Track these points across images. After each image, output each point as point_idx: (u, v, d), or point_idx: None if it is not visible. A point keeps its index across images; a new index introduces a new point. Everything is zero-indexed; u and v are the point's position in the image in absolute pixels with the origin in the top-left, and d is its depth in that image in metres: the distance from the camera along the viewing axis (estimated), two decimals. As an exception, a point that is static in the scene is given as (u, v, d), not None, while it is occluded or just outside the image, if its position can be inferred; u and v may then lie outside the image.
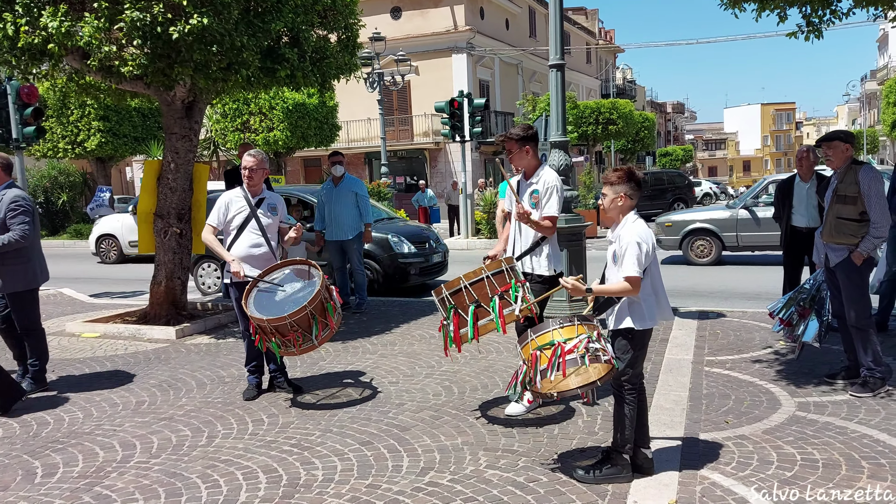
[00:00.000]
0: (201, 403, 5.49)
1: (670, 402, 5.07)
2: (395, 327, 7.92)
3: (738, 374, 5.69)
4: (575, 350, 3.52)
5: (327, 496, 3.80)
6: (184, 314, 8.35)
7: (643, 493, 3.69)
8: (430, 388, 5.63)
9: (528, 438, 4.50)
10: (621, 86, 55.19)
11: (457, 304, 4.24)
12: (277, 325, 4.84)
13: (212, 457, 4.41)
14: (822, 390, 5.22)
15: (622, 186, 3.69)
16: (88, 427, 5.05)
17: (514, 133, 4.85)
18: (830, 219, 5.12)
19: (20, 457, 4.54)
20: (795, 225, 6.85)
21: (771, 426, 4.56)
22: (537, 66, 38.62)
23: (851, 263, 5.06)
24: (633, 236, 3.61)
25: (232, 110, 24.11)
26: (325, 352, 6.83)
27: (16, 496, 3.95)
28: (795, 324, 5.40)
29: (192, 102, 8.08)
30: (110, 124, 23.94)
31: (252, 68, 7.12)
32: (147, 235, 8.30)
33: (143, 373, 6.45)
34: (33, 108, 11.43)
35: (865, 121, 63.68)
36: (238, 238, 5.53)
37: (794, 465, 3.97)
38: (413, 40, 30.21)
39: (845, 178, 5.06)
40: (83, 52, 6.92)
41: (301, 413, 5.19)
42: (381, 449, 4.43)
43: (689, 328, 7.24)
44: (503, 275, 4.25)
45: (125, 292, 12.06)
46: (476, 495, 3.74)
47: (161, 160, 8.23)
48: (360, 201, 8.73)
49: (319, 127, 25.12)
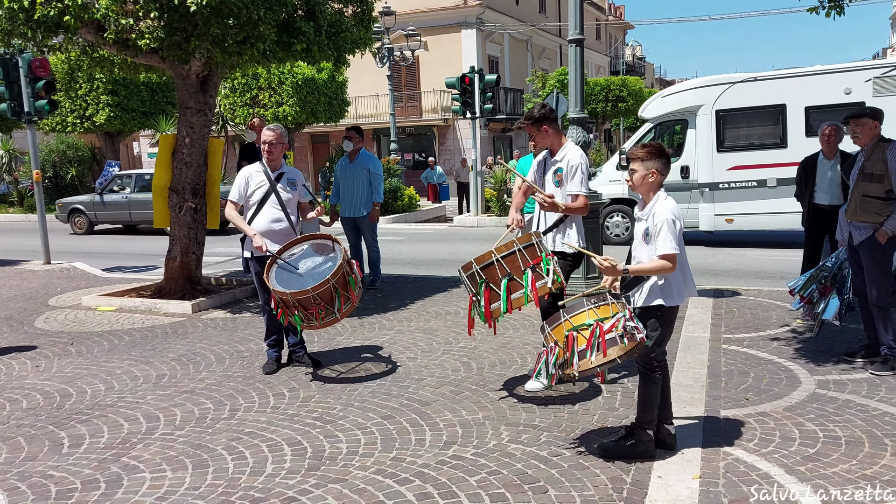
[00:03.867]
0: (221, 377, 5.53)
1: (689, 378, 5.08)
2: (410, 303, 7.94)
3: (757, 352, 5.70)
4: (613, 329, 3.52)
5: (353, 468, 3.84)
6: (199, 289, 8.39)
7: (667, 468, 3.72)
8: (448, 364, 5.66)
9: (550, 414, 4.52)
10: (631, 63, 54.70)
11: (488, 278, 4.23)
12: (300, 299, 4.86)
13: (235, 429, 4.45)
14: (841, 368, 5.22)
15: (653, 162, 3.66)
16: (111, 399, 5.10)
17: (529, 115, 4.84)
18: (856, 196, 5.08)
19: (46, 427, 4.58)
20: (818, 203, 6.81)
21: (791, 403, 4.57)
22: (547, 42, 38.28)
23: (875, 242, 5.03)
24: (668, 213, 3.59)
25: (241, 85, 23.97)
26: (341, 327, 6.86)
27: (44, 466, 4.00)
28: (816, 301, 5.39)
29: (207, 76, 8.03)
30: (119, 98, 23.86)
31: (268, 42, 7.07)
32: (162, 210, 8.30)
33: (161, 346, 6.49)
34: (45, 82, 11.36)
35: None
36: (258, 213, 5.53)
37: (816, 442, 3.98)
38: (422, 15, 29.92)
39: (872, 156, 5.02)
40: (99, 24, 6.87)
41: (321, 387, 5.23)
42: (403, 423, 4.46)
43: (705, 306, 7.24)
44: (534, 248, 4.24)
45: (138, 266, 12.11)
46: (500, 469, 3.77)
47: (175, 135, 8.21)
48: (372, 178, 8.68)
49: (329, 102, 24.97)
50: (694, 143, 12.03)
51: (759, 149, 11.63)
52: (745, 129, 11.75)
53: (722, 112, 11.79)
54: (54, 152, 25.54)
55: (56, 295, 9.19)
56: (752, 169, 11.57)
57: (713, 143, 11.90)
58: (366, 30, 8.39)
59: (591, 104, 32.98)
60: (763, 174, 11.55)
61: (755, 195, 11.54)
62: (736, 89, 11.83)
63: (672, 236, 3.55)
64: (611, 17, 53.78)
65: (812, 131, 11.15)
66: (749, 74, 12.07)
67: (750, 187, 11.55)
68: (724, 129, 11.80)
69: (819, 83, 11.40)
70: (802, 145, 10.89)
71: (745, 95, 11.78)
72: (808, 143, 10.82)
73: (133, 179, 18.42)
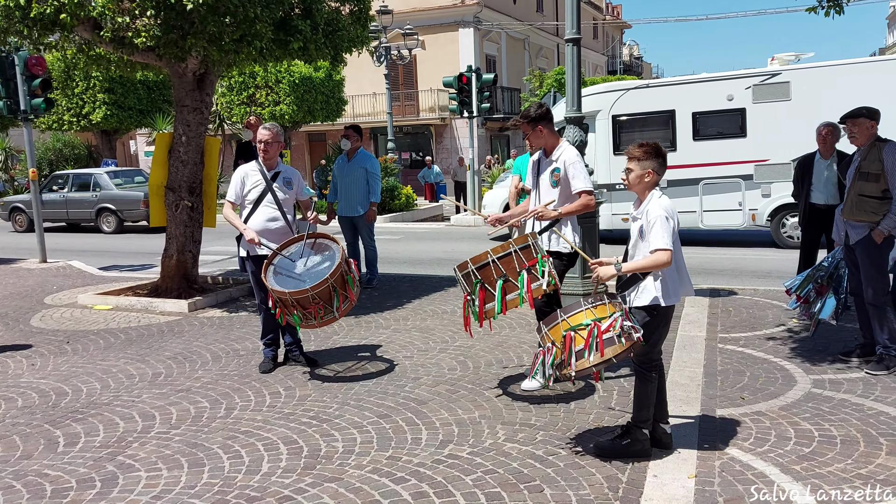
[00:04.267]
0: (217, 376, 5.52)
1: (685, 378, 5.09)
2: (406, 302, 7.94)
3: (752, 351, 5.71)
4: (611, 329, 3.52)
5: (349, 467, 3.84)
6: (195, 287, 8.38)
7: (662, 467, 3.72)
8: (444, 363, 5.66)
9: (546, 413, 4.52)
10: (628, 62, 54.75)
11: (483, 278, 4.24)
12: (299, 298, 4.86)
13: (231, 428, 4.45)
14: (837, 368, 5.23)
15: (649, 162, 3.66)
16: (106, 398, 5.09)
17: (525, 114, 4.84)
18: (852, 196, 5.09)
19: (41, 426, 4.57)
20: (814, 202, 6.82)
21: (787, 403, 4.58)
22: (544, 41, 38.27)
23: (871, 241, 5.04)
24: (661, 211, 3.60)
25: (238, 83, 23.95)
26: (338, 326, 6.86)
27: (40, 464, 3.99)
28: (812, 301, 5.41)
29: (204, 75, 8.02)
30: (115, 97, 23.82)
31: (265, 40, 7.06)
32: (158, 208, 8.29)
33: (157, 345, 6.48)
34: (41, 80, 11.33)
35: (873, 99, 63.09)
36: (254, 212, 5.52)
37: (811, 441, 3.99)
38: (419, 14, 29.89)
39: (869, 155, 5.03)
40: (95, 22, 6.86)
41: (318, 386, 5.22)
42: (399, 422, 4.46)
43: (701, 305, 7.25)
44: (530, 249, 4.25)
45: (133, 265, 12.09)
46: (496, 468, 3.77)
47: (172, 133, 8.20)
48: (370, 178, 8.68)
49: (326, 101, 24.97)
50: (594, 145, 12.25)
51: None
52: (639, 133, 12.09)
53: (617, 117, 12.35)
54: (51, 150, 25.51)
55: (52, 293, 9.17)
56: None
57: (610, 146, 12.51)
58: (363, 28, 8.39)
59: (588, 103, 32.92)
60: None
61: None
62: (630, 95, 12.42)
63: (666, 232, 3.56)
64: (608, 16, 53.80)
65: (699, 135, 11.94)
66: (642, 82, 13.00)
67: None
68: (619, 133, 12.30)
69: (704, 90, 11.95)
70: (690, 149, 11.81)
71: (638, 102, 12.35)
72: (695, 147, 11.92)
73: (69, 179, 18.95)
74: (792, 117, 10.98)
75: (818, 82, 11.01)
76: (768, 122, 11.36)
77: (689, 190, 11.89)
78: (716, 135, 11.88)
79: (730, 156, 11.72)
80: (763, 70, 12.03)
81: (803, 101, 11.06)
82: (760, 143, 11.49)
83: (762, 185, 11.66)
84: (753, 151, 11.56)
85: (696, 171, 11.89)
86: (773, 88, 11.45)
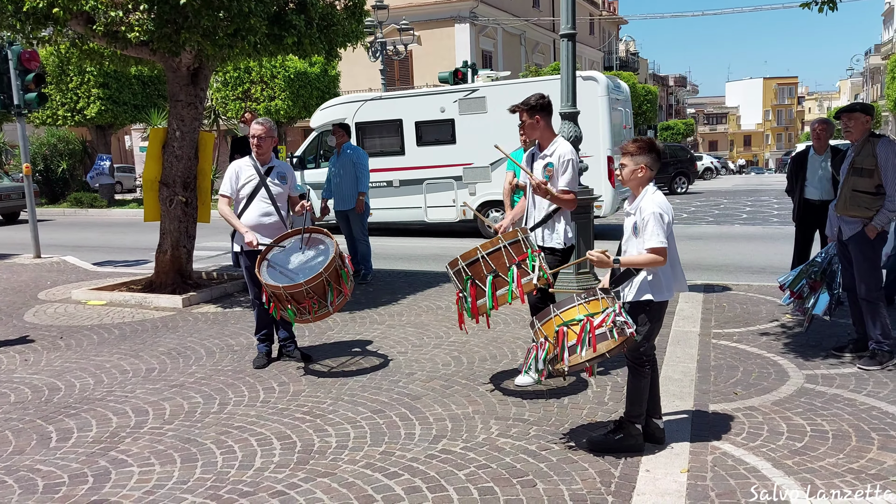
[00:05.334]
0: (211, 371, 5.51)
1: (679, 373, 5.10)
2: (401, 298, 7.94)
3: (746, 347, 5.72)
4: (603, 324, 3.52)
5: (342, 462, 3.84)
6: (189, 283, 8.36)
7: (655, 461, 3.73)
8: (439, 359, 5.66)
9: (539, 408, 4.53)
10: (624, 58, 54.74)
11: (473, 274, 4.23)
12: (293, 293, 4.85)
13: (225, 423, 4.44)
14: (829, 363, 5.25)
15: (643, 157, 3.66)
16: (100, 393, 5.08)
17: (526, 102, 4.78)
18: (845, 191, 5.10)
19: (34, 421, 4.56)
20: (808, 198, 6.83)
21: (780, 398, 4.59)
22: (540, 36, 38.25)
23: (864, 237, 5.05)
24: (654, 207, 3.60)
25: (233, 79, 23.88)
26: (332, 322, 6.85)
27: (32, 460, 3.98)
28: (806, 296, 5.41)
29: (198, 69, 7.99)
30: (110, 92, 23.72)
31: (259, 35, 7.04)
32: (152, 203, 8.26)
33: (151, 340, 6.47)
34: (35, 74, 11.28)
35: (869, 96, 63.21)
36: (248, 207, 5.51)
37: (804, 436, 4.00)
38: (415, 9, 29.87)
39: (862, 151, 5.04)
40: (88, 16, 6.83)
41: (312, 381, 5.22)
42: (392, 417, 4.46)
43: (695, 301, 7.26)
44: (520, 244, 4.24)
45: (128, 261, 12.06)
46: (489, 462, 3.77)
47: (165, 128, 8.17)
48: (357, 170, 8.75)
49: (321, 96, 24.88)
50: None
51: (387, 155, 13.94)
52: (378, 139, 14.07)
53: (359, 124, 13.98)
54: (45, 146, 25.34)
55: (46, 289, 9.15)
56: (382, 172, 13.72)
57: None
58: (357, 23, 8.37)
59: (584, 99, 32.93)
60: (390, 176, 13.97)
61: (385, 193, 13.95)
62: (368, 105, 14.21)
63: (660, 229, 3.56)
64: (604, 11, 53.78)
65: (422, 142, 13.75)
66: (377, 94, 14.98)
67: (382, 186, 13.82)
68: (362, 139, 13.91)
69: (424, 102, 13.87)
70: (416, 153, 13.75)
71: (375, 111, 14.11)
72: (419, 152, 13.76)
73: None
74: (488, 127, 12.62)
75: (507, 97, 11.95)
76: (471, 131, 13.16)
77: (416, 188, 13.87)
78: (434, 141, 13.70)
79: (445, 159, 13.58)
80: (466, 86, 14.15)
81: (496, 113, 12.49)
82: (467, 148, 13.27)
83: (469, 185, 13.43)
84: (461, 156, 13.39)
85: (421, 172, 13.81)
86: (473, 102, 13.26)
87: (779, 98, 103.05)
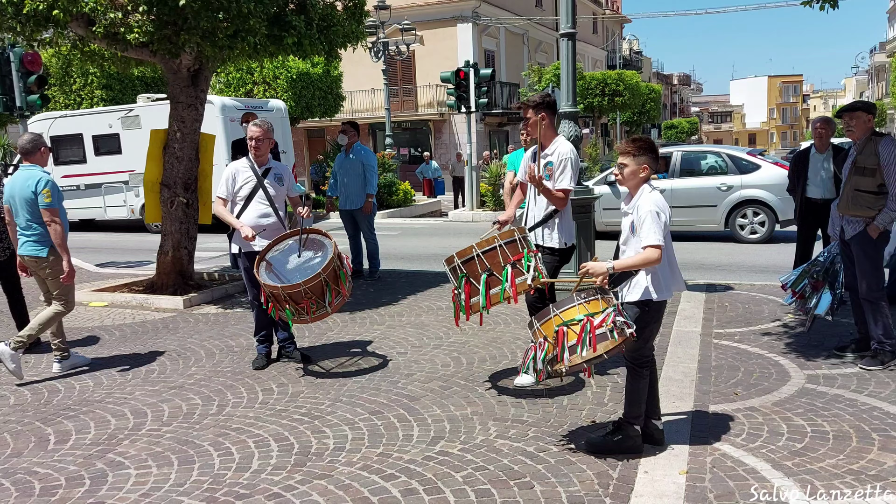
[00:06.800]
0: (211, 372, 5.51)
1: (679, 373, 5.07)
2: (402, 298, 7.92)
3: (747, 347, 5.69)
4: (604, 324, 3.50)
5: (339, 464, 3.82)
6: (191, 284, 8.36)
7: (654, 463, 3.71)
8: (438, 359, 5.64)
9: (538, 409, 4.51)
10: (628, 57, 54.65)
11: (468, 272, 4.22)
12: (291, 293, 4.84)
13: (223, 425, 4.43)
14: (831, 363, 5.22)
15: (644, 157, 3.64)
16: (99, 395, 5.08)
17: (531, 99, 4.81)
18: (848, 190, 5.07)
19: (32, 424, 4.56)
20: (810, 196, 6.79)
21: (780, 398, 4.56)
22: (543, 36, 38.19)
23: (867, 236, 5.01)
24: (651, 205, 3.57)
25: (236, 80, 23.86)
26: (332, 322, 6.84)
27: (29, 462, 3.98)
28: (808, 296, 5.38)
29: (198, 70, 7.99)
30: (113, 93, 23.69)
31: (259, 35, 7.03)
32: (153, 205, 8.27)
33: (151, 342, 6.47)
34: (37, 76, 11.30)
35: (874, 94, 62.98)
36: (246, 208, 5.50)
37: (804, 436, 3.97)
38: (418, 9, 29.82)
39: (865, 150, 5.00)
40: (88, 18, 6.83)
41: (311, 382, 5.21)
42: (391, 418, 4.45)
43: (696, 301, 7.22)
44: (516, 244, 4.22)
45: (130, 262, 12.07)
46: (487, 464, 3.76)
47: (166, 129, 8.17)
48: (366, 171, 8.75)
49: (323, 97, 24.86)
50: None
51: (75, 164, 16.82)
52: (69, 150, 16.80)
53: (53, 137, 16.38)
54: (49, 147, 25.42)
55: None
56: (72, 178, 16.70)
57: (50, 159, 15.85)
58: (358, 23, 8.35)
59: (587, 98, 32.93)
60: (77, 181, 16.84)
61: (75, 195, 16.60)
62: (59, 122, 16.99)
63: (657, 227, 3.53)
64: (608, 10, 53.68)
65: (99, 152, 16.65)
66: (64, 112, 17.92)
67: (72, 190, 16.55)
68: (58, 150, 16.36)
69: (97, 119, 16.70)
70: (95, 162, 16.67)
71: (64, 126, 16.83)
72: (97, 160, 16.66)
73: None
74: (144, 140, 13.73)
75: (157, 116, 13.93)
76: (133, 143, 15.61)
77: (97, 191, 16.82)
78: (107, 151, 16.53)
79: (115, 167, 16.41)
80: (126, 106, 16.93)
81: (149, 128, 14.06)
82: (130, 158, 15.68)
83: (134, 188, 15.95)
84: (127, 164, 16.03)
85: (100, 177, 16.73)
86: (132, 120, 16.14)
87: (783, 96, 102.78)
